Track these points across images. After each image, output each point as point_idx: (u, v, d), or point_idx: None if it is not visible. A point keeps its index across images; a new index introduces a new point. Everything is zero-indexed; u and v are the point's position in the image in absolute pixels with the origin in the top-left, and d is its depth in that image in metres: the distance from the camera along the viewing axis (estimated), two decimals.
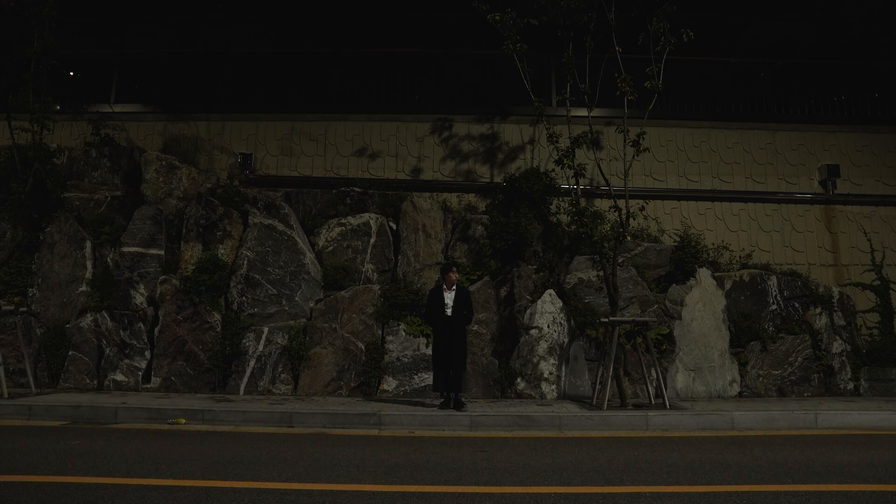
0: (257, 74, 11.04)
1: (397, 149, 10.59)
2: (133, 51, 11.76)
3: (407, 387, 8.23)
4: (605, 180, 8.48)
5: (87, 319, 8.37)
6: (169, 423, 6.24)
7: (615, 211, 8.29)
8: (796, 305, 9.11)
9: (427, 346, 8.31)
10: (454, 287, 7.20)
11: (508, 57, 8.67)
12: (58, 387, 8.12)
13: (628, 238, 8.60)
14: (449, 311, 7.07)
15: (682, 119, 10.68)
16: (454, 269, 7.26)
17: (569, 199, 8.76)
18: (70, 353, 8.27)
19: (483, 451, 4.83)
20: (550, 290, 8.69)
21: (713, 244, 9.93)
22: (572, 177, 8.35)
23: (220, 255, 8.66)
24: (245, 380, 8.20)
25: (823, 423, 6.51)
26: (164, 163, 9.45)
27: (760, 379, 8.68)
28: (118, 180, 9.64)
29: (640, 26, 8.37)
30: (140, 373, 8.24)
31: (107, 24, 12.34)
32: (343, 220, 9.31)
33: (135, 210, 9.06)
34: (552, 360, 8.28)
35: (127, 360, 8.25)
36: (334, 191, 9.75)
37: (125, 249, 8.76)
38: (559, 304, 8.57)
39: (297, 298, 8.65)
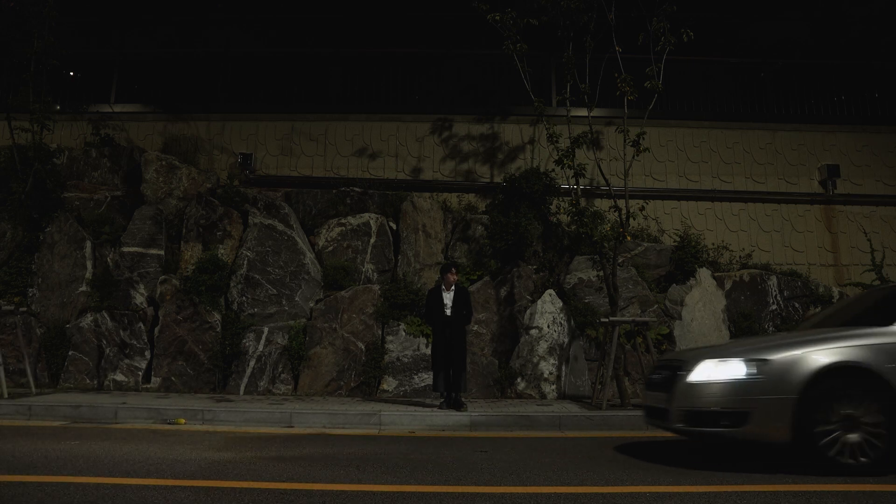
0: (257, 74, 11.03)
1: (397, 149, 10.58)
2: (133, 51, 11.75)
3: (407, 387, 8.23)
4: (605, 180, 8.48)
5: (87, 319, 8.37)
6: (169, 423, 6.25)
7: (615, 211, 8.29)
8: (796, 305, 9.11)
9: (427, 346, 8.30)
10: (453, 287, 7.20)
11: (508, 57, 8.67)
12: (58, 387, 8.12)
13: (628, 238, 8.60)
14: (448, 311, 7.07)
15: (682, 119, 10.68)
16: (453, 269, 7.26)
17: (569, 199, 8.76)
18: (70, 353, 8.27)
19: (483, 451, 4.83)
20: (550, 290, 8.70)
21: (713, 244, 9.92)
22: (572, 177, 8.35)
23: (220, 255, 8.66)
24: (245, 380, 8.20)
25: None
26: (164, 163, 9.45)
27: None
28: (118, 180, 9.64)
29: (640, 26, 8.37)
30: (140, 373, 8.24)
31: (107, 24, 12.33)
32: (343, 220, 9.31)
33: (135, 210, 9.06)
34: (552, 360, 8.29)
35: (127, 360, 8.25)
36: (334, 191, 9.75)
37: (125, 249, 8.76)
38: (559, 304, 8.57)
39: (297, 298, 8.65)
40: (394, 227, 9.45)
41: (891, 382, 3.94)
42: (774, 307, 9.05)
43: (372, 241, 9.23)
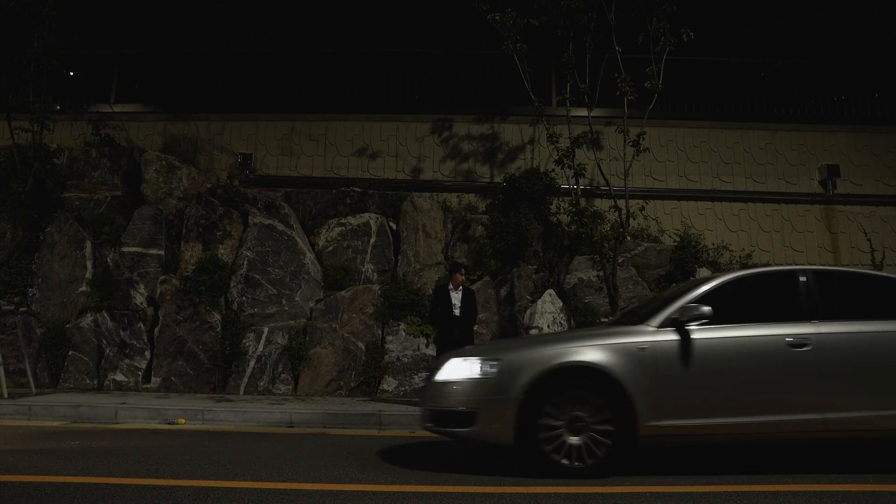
0: (257, 74, 11.03)
1: (397, 149, 10.58)
2: (133, 51, 11.75)
3: (407, 387, 8.23)
4: (605, 180, 8.49)
5: (87, 319, 8.36)
6: (169, 423, 6.24)
7: (615, 211, 8.30)
8: None
9: (427, 346, 8.31)
10: (461, 287, 7.23)
11: (508, 57, 8.68)
12: (58, 387, 8.11)
13: (628, 238, 8.61)
14: (457, 312, 7.11)
15: (682, 119, 10.68)
16: (462, 270, 7.33)
17: (569, 199, 8.77)
18: (70, 353, 8.27)
19: (483, 451, 4.83)
20: (550, 290, 8.69)
21: (713, 244, 9.92)
22: (572, 177, 8.36)
23: (220, 255, 8.66)
24: (245, 380, 8.20)
25: None
26: (164, 163, 9.45)
27: None
28: (118, 180, 9.63)
29: (640, 26, 8.38)
30: (140, 373, 8.24)
31: (107, 24, 12.33)
32: (343, 220, 9.31)
33: (135, 210, 9.06)
34: None
35: (127, 360, 8.25)
36: (334, 191, 9.74)
37: (125, 249, 8.76)
38: (559, 304, 8.57)
39: (297, 298, 8.65)
40: (394, 227, 9.45)
41: (623, 383, 3.82)
42: None
43: (372, 241, 9.23)
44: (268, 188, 9.95)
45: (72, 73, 11.14)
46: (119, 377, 8.20)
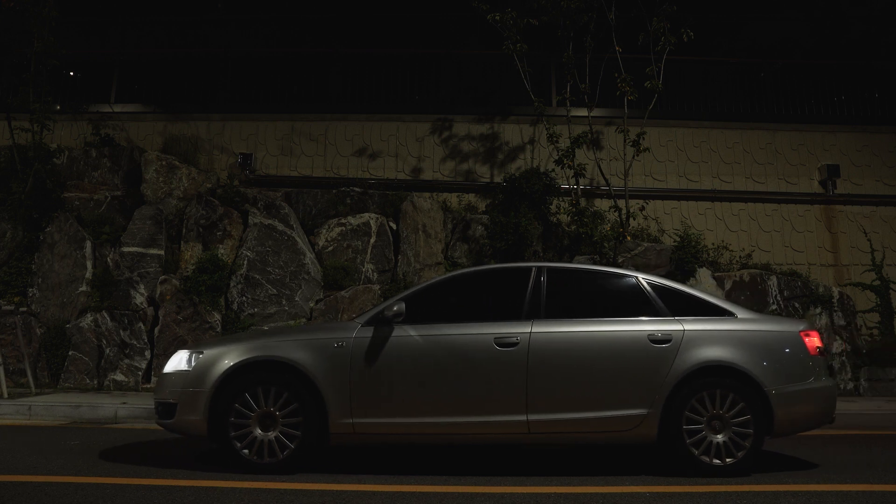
0: (257, 74, 11.03)
1: (397, 149, 10.58)
2: (133, 51, 11.75)
3: None
4: (605, 180, 8.50)
5: (87, 319, 8.36)
6: None
7: (615, 211, 8.32)
8: (796, 305, 9.11)
9: None
10: None
11: (508, 57, 8.69)
12: (58, 387, 8.12)
13: (628, 238, 8.62)
14: None
15: (682, 119, 10.67)
16: None
17: (569, 199, 8.78)
18: (70, 353, 8.27)
19: (482, 451, 4.83)
20: None
21: (713, 244, 9.91)
22: (572, 177, 8.37)
23: (220, 255, 8.66)
24: None
25: None
26: (164, 163, 9.45)
27: None
28: (118, 180, 9.63)
29: (640, 26, 8.40)
30: (140, 373, 8.24)
31: (107, 24, 12.34)
32: (343, 220, 9.30)
33: (135, 210, 9.06)
34: None
35: (127, 360, 8.25)
36: (334, 191, 9.74)
37: (125, 249, 8.76)
38: None
39: (297, 298, 8.65)
40: (394, 227, 9.45)
41: (314, 379, 3.83)
42: (774, 307, 9.05)
43: (372, 241, 9.23)
44: (268, 188, 9.95)
45: (72, 73, 11.14)
46: (119, 377, 8.20)
